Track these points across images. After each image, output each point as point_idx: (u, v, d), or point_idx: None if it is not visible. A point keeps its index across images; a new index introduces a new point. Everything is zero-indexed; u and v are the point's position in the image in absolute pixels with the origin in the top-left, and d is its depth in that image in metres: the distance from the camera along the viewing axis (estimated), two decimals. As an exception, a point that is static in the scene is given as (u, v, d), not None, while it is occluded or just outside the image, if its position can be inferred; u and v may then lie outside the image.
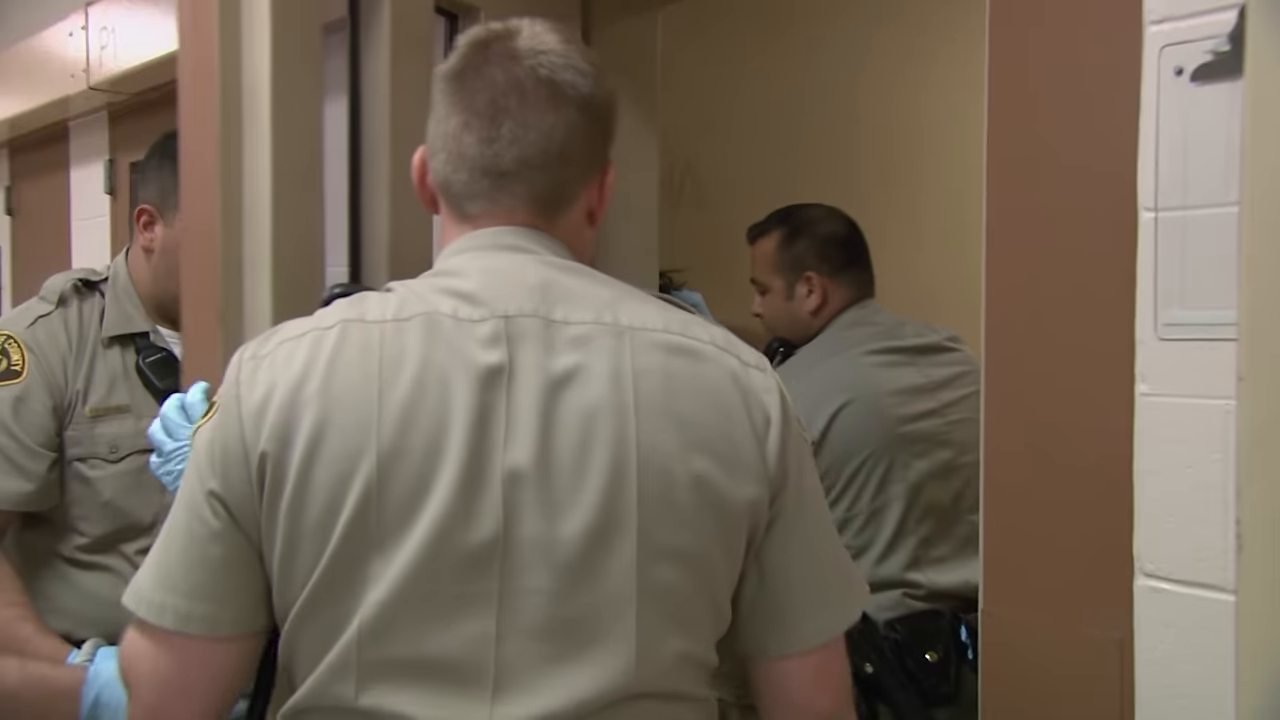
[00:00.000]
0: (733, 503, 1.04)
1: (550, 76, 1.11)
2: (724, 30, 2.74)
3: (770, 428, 1.07)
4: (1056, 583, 1.29)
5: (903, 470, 1.99)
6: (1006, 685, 1.35)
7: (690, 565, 1.03)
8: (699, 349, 1.07)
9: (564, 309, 1.06)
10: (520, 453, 1.00)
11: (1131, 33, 1.20)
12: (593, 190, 1.18)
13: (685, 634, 1.04)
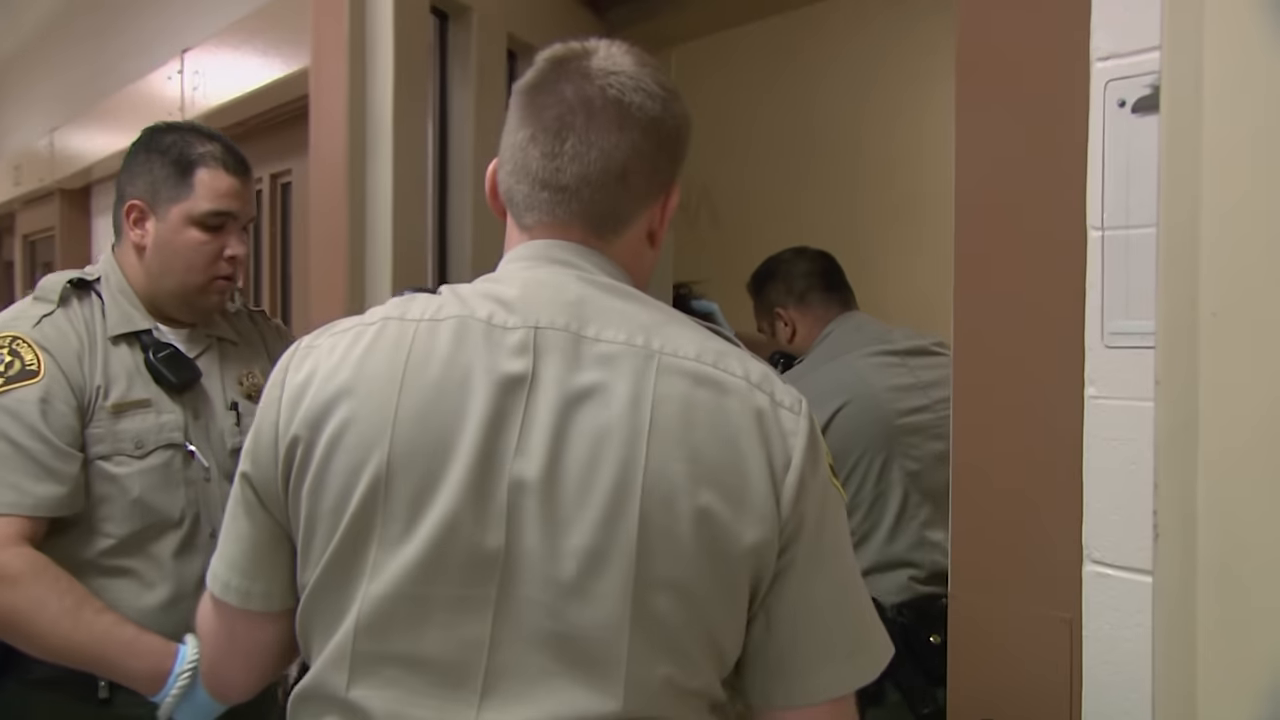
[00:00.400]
0: (735, 542, 0.96)
1: (619, 97, 1.05)
2: (737, 66, 2.79)
3: (789, 471, 0.98)
4: (1015, 569, 1.32)
5: (901, 459, 2.05)
6: (972, 662, 1.38)
7: (685, 598, 0.95)
8: (727, 382, 0.99)
9: (597, 326, 1.00)
10: (529, 463, 0.95)
11: (1080, 69, 1.23)
12: (654, 211, 1.11)
13: (679, 664, 0.97)
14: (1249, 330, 0.89)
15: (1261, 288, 0.88)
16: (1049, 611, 1.27)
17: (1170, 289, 0.93)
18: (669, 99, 1.09)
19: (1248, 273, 0.89)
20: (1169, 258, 0.92)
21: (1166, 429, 0.94)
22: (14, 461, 1.51)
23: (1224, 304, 0.90)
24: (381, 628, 0.97)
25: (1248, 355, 0.89)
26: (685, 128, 1.12)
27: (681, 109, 1.11)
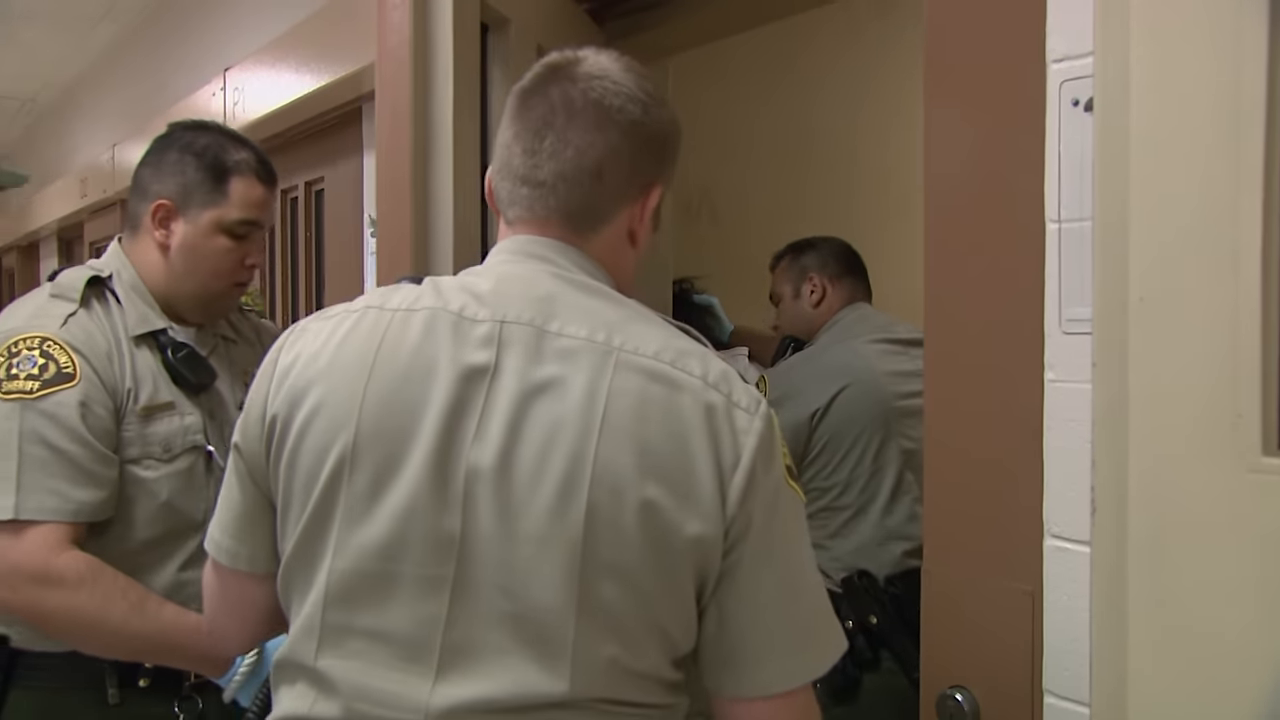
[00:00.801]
0: (677, 534, 0.94)
1: (599, 99, 1.05)
2: (738, 73, 2.79)
3: (738, 470, 0.96)
4: (982, 543, 1.31)
5: (898, 439, 2.06)
6: (943, 631, 1.37)
7: (630, 584, 0.95)
8: (681, 380, 0.97)
9: (561, 322, 0.99)
10: (485, 451, 0.95)
11: (1037, 70, 1.23)
12: (634, 210, 1.10)
13: (624, 646, 0.96)
14: (1173, 315, 0.88)
15: (1184, 275, 0.87)
16: (1012, 584, 1.27)
17: (1104, 278, 0.92)
18: (651, 104, 1.09)
19: (1172, 262, 0.88)
20: (1102, 248, 0.92)
21: (1102, 409, 0.94)
22: (54, 467, 1.42)
23: (1151, 290, 0.89)
24: (347, 601, 0.98)
25: (1172, 339, 0.89)
26: (668, 132, 1.11)
27: (664, 115, 1.10)
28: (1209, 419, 0.86)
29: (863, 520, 2.05)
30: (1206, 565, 0.88)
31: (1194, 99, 0.87)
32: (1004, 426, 1.28)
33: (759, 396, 1.01)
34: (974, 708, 1.32)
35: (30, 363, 1.45)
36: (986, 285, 1.30)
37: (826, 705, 2.05)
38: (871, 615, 1.98)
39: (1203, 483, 0.87)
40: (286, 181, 4.00)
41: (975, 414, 1.32)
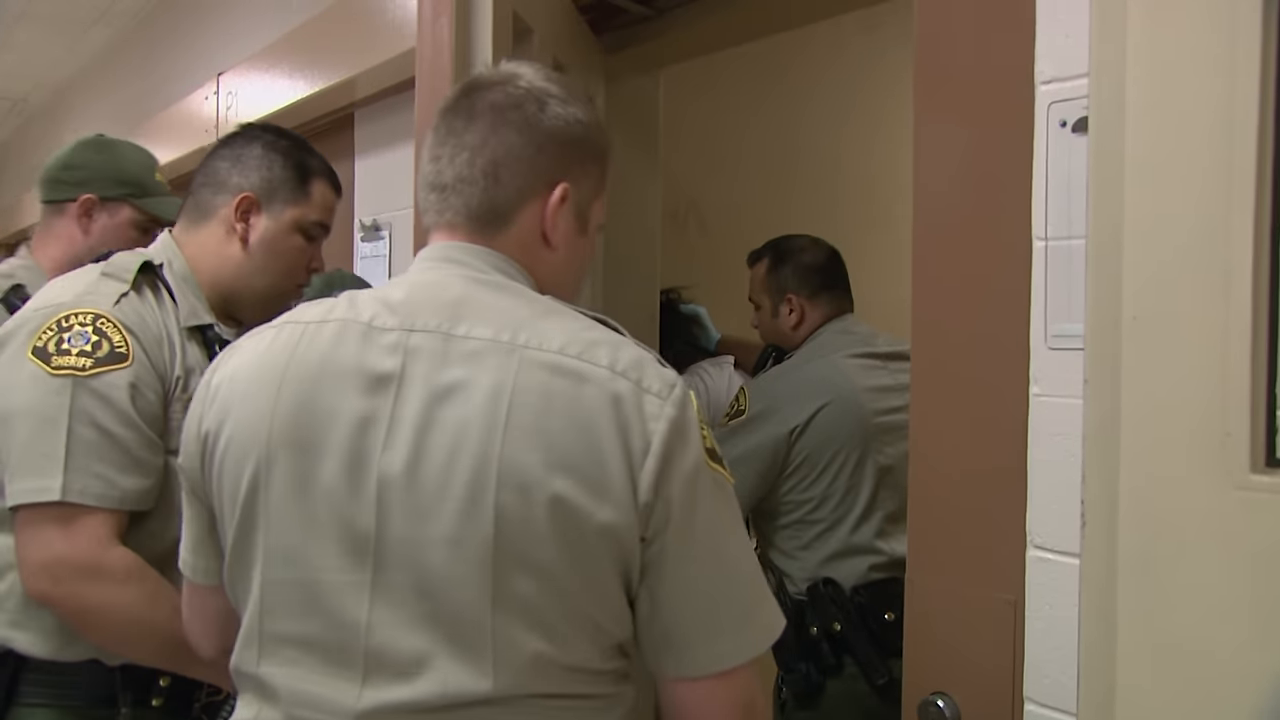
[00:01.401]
0: (589, 526, 0.93)
1: (496, 102, 1.07)
2: (726, 87, 2.79)
3: (648, 456, 0.94)
4: (965, 554, 1.31)
5: (875, 455, 2.04)
6: (925, 639, 1.37)
7: (546, 579, 0.93)
8: (586, 371, 0.95)
9: (468, 325, 0.98)
10: (394, 457, 0.94)
11: (1026, 92, 1.23)
12: (538, 208, 1.08)
13: (549, 640, 0.94)
14: (1166, 334, 0.88)
15: (1177, 295, 0.87)
16: (995, 593, 1.27)
17: (1097, 295, 0.92)
18: (553, 102, 1.08)
19: (1165, 281, 0.88)
20: (1096, 266, 0.92)
21: (1093, 424, 0.94)
22: (102, 450, 1.34)
23: (1144, 308, 0.89)
24: (276, 611, 0.98)
25: (1164, 357, 0.89)
26: (575, 132, 1.10)
27: (572, 113, 1.09)
28: (1199, 436, 0.86)
29: (833, 535, 2.04)
30: (1196, 581, 0.87)
31: (1188, 121, 0.87)
32: (988, 439, 1.28)
33: (673, 381, 0.99)
34: (955, 714, 1.32)
35: (83, 338, 1.38)
36: (973, 300, 1.30)
37: (790, 709, 2.06)
38: (836, 623, 1.98)
39: (1192, 499, 0.87)
40: (278, 186, 3.98)
41: (960, 426, 1.32)
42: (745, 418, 2.06)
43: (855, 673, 1.95)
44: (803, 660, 1.99)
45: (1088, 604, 0.95)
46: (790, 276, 2.22)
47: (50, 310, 1.41)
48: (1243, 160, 0.83)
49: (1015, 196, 1.24)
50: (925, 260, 1.36)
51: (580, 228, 1.13)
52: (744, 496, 2.08)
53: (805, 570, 2.05)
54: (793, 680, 2.01)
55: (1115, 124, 0.91)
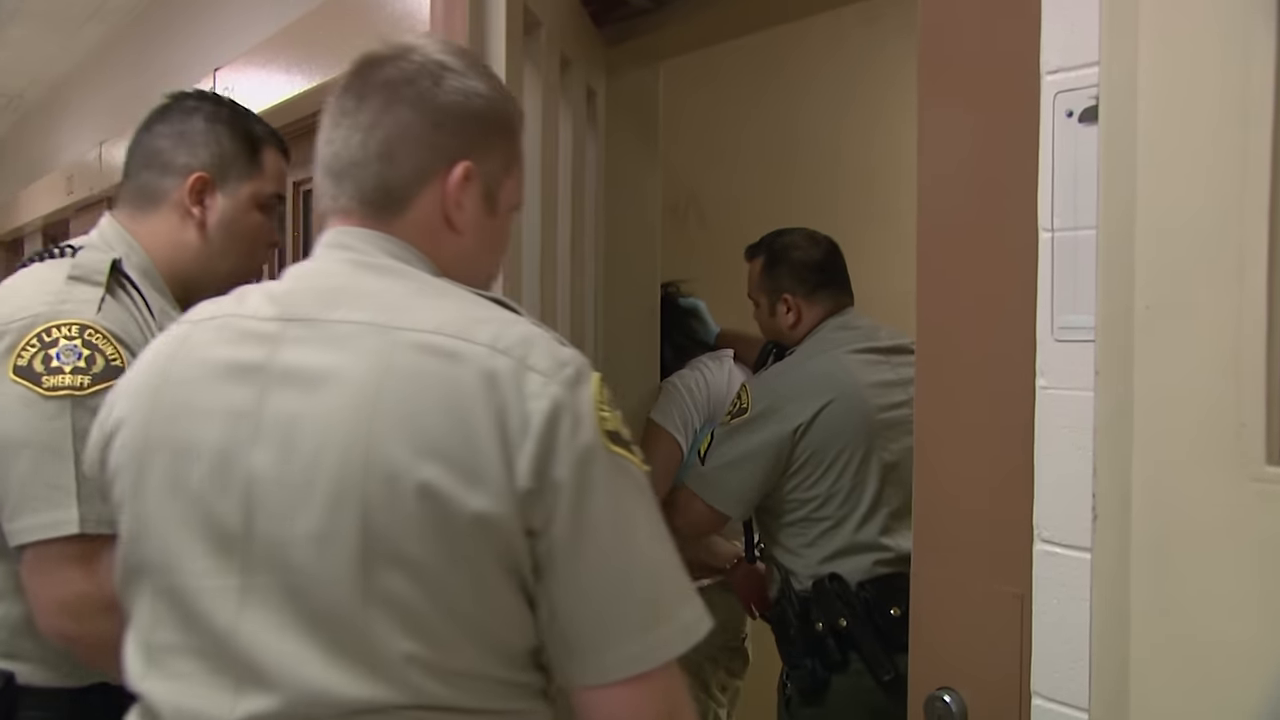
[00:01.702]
0: (461, 516, 0.86)
1: (389, 79, 1.00)
2: (726, 79, 2.78)
3: (526, 438, 0.86)
4: (972, 547, 1.30)
5: (880, 452, 2.03)
6: (931, 634, 1.36)
7: (418, 574, 0.87)
8: (461, 350, 0.89)
9: (345, 310, 0.93)
10: (262, 453, 0.90)
11: (1031, 82, 1.21)
12: (438, 189, 1.02)
13: (425, 643, 0.88)
14: (1179, 323, 0.87)
15: (1190, 284, 0.86)
16: (1002, 587, 1.26)
17: (1108, 285, 0.91)
18: (451, 76, 1.02)
19: (1178, 270, 0.87)
20: (1107, 256, 0.91)
21: (1105, 417, 0.93)
22: None
23: (1157, 298, 0.88)
24: (161, 621, 0.94)
25: (1177, 347, 0.87)
26: (474, 106, 1.03)
27: (473, 86, 1.03)
28: (1213, 427, 0.85)
29: (838, 532, 2.03)
30: (1210, 574, 0.86)
31: (1201, 107, 0.86)
32: (994, 432, 1.27)
33: (567, 360, 0.92)
34: (962, 709, 1.31)
35: (73, 353, 1.26)
36: (978, 293, 1.29)
37: (795, 706, 2.05)
38: (841, 618, 1.97)
39: (1206, 491, 0.85)
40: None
41: (965, 419, 1.31)
42: (748, 416, 2.04)
43: (861, 669, 1.94)
44: (808, 656, 1.98)
45: (1099, 598, 0.94)
46: (785, 276, 2.19)
47: (25, 323, 1.27)
48: (1257, 146, 0.82)
49: (1020, 187, 1.23)
50: (929, 253, 1.35)
51: (489, 209, 1.07)
52: (747, 495, 2.07)
53: (809, 567, 2.04)
54: (798, 676, 2.00)
55: (1127, 111, 0.89)
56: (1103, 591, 0.94)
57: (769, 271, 2.21)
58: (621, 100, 2.21)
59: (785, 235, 2.24)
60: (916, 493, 1.38)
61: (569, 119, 1.85)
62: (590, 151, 2.04)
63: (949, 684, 1.33)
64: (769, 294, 2.20)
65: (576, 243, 1.89)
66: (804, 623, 1.99)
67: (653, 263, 2.31)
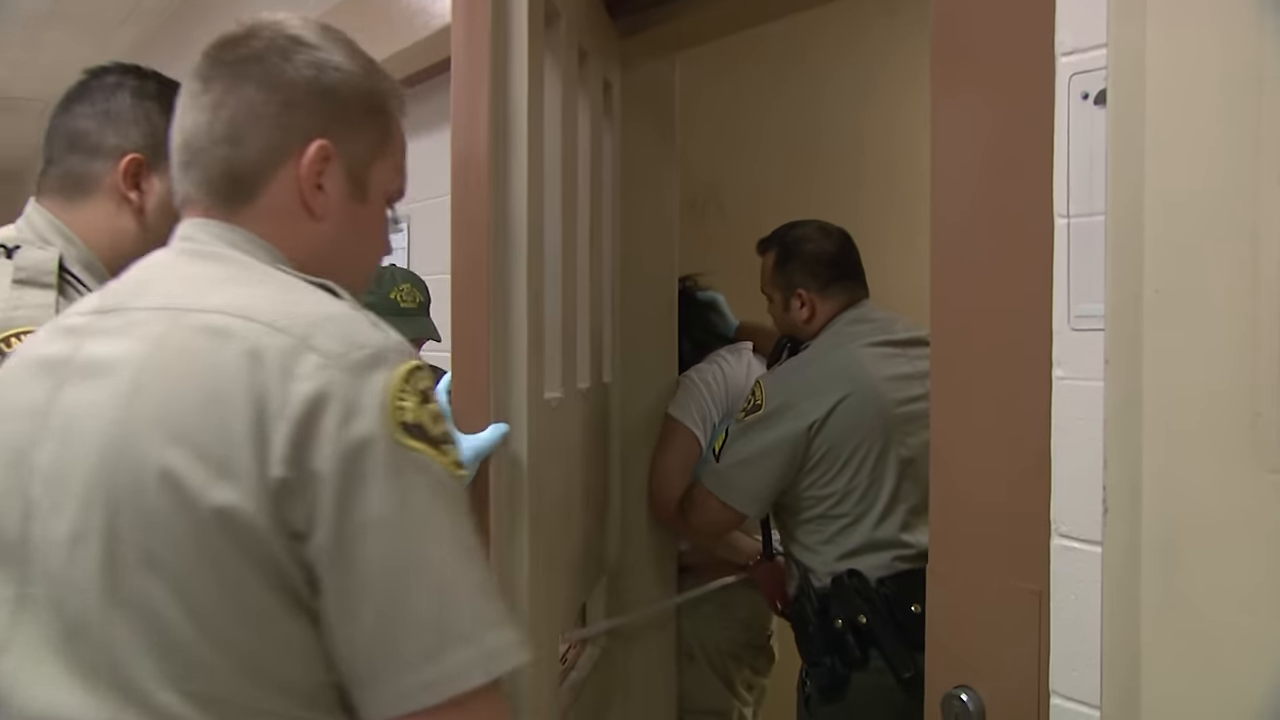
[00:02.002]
0: (203, 508, 0.76)
1: (234, 59, 0.94)
2: (746, 71, 2.75)
3: (281, 422, 0.77)
4: (988, 542, 1.28)
5: (897, 447, 1.99)
6: (948, 631, 1.34)
7: (169, 580, 0.77)
8: (235, 328, 0.81)
9: (150, 297, 0.88)
10: (44, 449, 0.83)
11: (1046, 63, 1.18)
12: (291, 172, 0.94)
13: (186, 667, 0.78)
14: (1190, 308, 0.83)
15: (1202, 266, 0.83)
16: (1019, 583, 1.23)
17: (1117, 270, 0.88)
18: (304, 51, 0.95)
19: (1189, 251, 0.83)
20: (1116, 240, 0.87)
21: (1114, 407, 0.90)
22: None
23: (1166, 282, 0.84)
24: None
25: (1188, 333, 0.84)
26: (329, 80, 0.95)
27: (324, 59, 0.95)
28: (1226, 417, 0.81)
29: (856, 530, 2.01)
30: (1223, 568, 0.83)
31: (1212, 87, 0.82)
32: (1011, 424, 1.24)
33: (365, 344, 0.82)
34: (979, 708, 1.28)
35: None
36: (993, 282, 1.26)
37: (815, 704, 2.02)
38: (861, 615, 1.94)
39: (1219, 483, 0.82)
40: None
41: (982, 412, 1.28)
42: (762, 413, 2.02)
43: (881, 666, 1.91)
44: (827, 653, 1.95)
45: (1110, 593, 0.90)
46: (798, 271, 2.16)
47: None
48: (1270, 125, 0.78)
49: (1036, 172, 1.20)
50: (943, 241, 1.32)
51: (356, 194, 0.98)
52: (762, 493, 2.04)
53: (828, 564, 2.01)
54: (817, 674, 1.98)
55: (1135, 90, 0.86)
56: (1112, 586, 0.91)
57: (782, 267, 2.18)
58: (637, 93, 2.19)
59: (797, 228, 2.21)
60: (933, 487, 1.35)
61: (587, 112, 1.83)
62: (607, 145, 2.02)
63: (966, 682, 1.31)
64: (783, 289, 2.17)
65: (595, 238, 1.87)
66: (823, 620, 1.97)
67: (670, 257, 2.29)
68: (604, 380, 2.03)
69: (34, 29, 4.90)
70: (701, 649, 2.46)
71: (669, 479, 2.23)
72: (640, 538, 2.28)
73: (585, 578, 1.89)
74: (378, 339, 0.83)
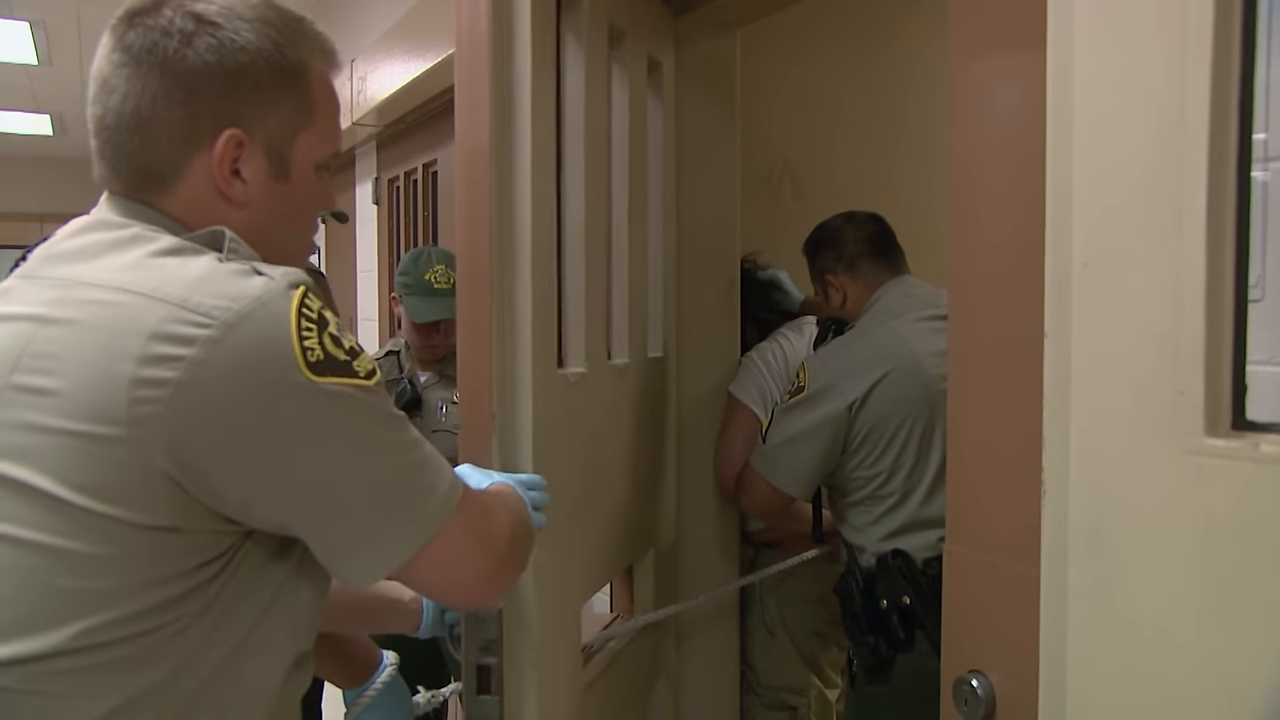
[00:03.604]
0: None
1: (135, 42, 0.91)
2: (830, 50, 2.68)
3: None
4: (999, 525, 1.24)
5: (943, 423, 1.94)
6: (963, 614, 1.31)
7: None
8: (110, 300, 0.84)
9: (54, 267, 0.89)
10: None
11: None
12: (202, 163, 0.93)
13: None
14: (1116, 281, 0.78)
15: (1128, 237, 0.78)
16: (1023, 567, 1.19)
17: (1053, 242, 0.83)
18: (205, 32, 0.91)
19: (1114, 222, 0.78)
20: (1053, 211, 0.83)
21: (1050, 384, 0.85)
22: None
23: (1094, 255, 0.80)
24: None
25: (1115, 307, 0.79)
26: (236, 62, 0.92)
27: (227, 40, 0.92)
28: (1150, 395, 0.76)
29: (902, 508, 1.95)
30: (1146, 555, 0.78)
31: (1138, 50, 0.77)
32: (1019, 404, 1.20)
33: (249, 294, 0.83)
34: (989, 693, 1.25)
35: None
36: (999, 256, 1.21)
37: (860, 683, 1.98)
38: (905, 595, 1.89)
39: (1142, 465, 0.77)
40: (406, 164, 4.14)
41: (993, 391, 1.24)
42: (805, 394, 1.99)
43: (927, 649, 1.86)
44: (871, 633, 1.92)
45: (1045, 579, 0.86)
46: (825, 258, 2.14)
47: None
48: (1195, 89, 0.73)
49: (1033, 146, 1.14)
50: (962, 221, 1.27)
51: (279, 174, 0.97)
52: (806, 474, 2.02)
53: (874, 544, 1.97)
54: (862, 653, 1.94)
55: (1065, 62, 0.81)
56: (1046, 572, 0.87)
57: (814, 261, 2.17)
58: (696, 70, 2.17)
59: (825, 224, 2.18)
60: (950, 468, 1.32)
61: (624, 92, 1.82)
62: (656, 124, 2.01)
63: (978, 667, 1.27)
64: (818, 279, 2.16)
65: (637, 215, 1.87)
66: (868, 599, 1.93)
67: (731, 234, 2.27)
68: (652, 355, 2.03)
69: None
70: (783, 625, 2.44)
71: (729, 459, 2.23)
72: (701, 515, 2.28)
73: (620, 551, 1.90)
74: (254, 286, 0.84)
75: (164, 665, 0.84)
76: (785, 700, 2.46)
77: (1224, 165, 0.71)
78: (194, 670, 0.85)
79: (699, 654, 2.31)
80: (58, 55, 5.97)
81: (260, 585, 0.90)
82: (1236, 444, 0.71)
